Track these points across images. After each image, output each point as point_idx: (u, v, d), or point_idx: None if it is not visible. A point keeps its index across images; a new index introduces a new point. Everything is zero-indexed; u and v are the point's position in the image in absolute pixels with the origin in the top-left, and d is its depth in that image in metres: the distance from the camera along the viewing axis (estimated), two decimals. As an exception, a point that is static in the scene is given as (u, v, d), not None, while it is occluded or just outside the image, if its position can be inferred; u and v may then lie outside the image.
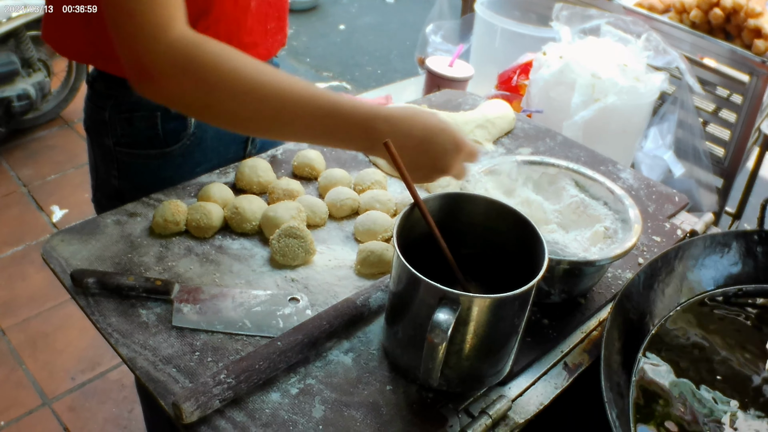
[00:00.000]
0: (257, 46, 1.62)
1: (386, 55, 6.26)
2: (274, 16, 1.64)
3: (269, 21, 1.63)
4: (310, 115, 1.26)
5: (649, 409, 1.25)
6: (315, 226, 1.56)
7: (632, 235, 1.36)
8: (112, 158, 1.65)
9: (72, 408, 2.99)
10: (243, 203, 1.50)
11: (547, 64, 2.26)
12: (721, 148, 2.73)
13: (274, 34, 1.67)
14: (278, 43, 1.72)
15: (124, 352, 1.23)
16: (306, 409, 1.16)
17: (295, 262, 1.43)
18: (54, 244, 1.44)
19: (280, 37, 1.71)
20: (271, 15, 1.63)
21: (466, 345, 1.12)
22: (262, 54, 1.64)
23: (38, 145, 4.59)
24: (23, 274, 3.61)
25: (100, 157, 1.67)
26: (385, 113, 1.29)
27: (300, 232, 1.42)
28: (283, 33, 1.72)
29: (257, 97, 1.23)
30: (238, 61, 1.23)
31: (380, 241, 1.48)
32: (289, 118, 1.26)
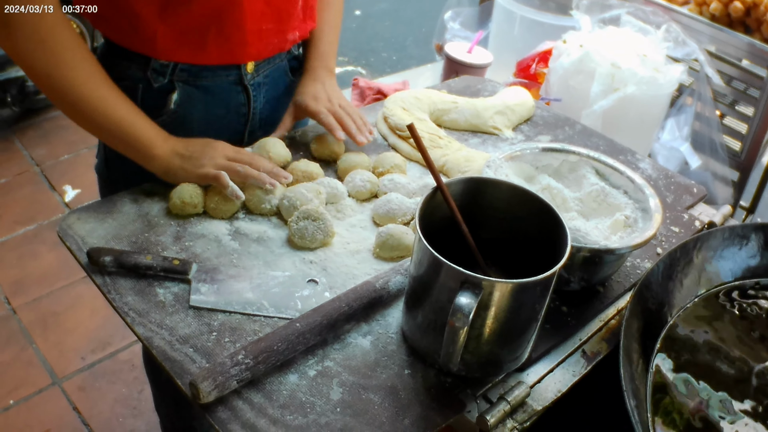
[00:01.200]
0: (246, 44, 1.62)
1: (402, 42, 6.24)
2: (272, 18, 1.63)
3: (265, 21, 1.62)
4: (115, 118, 1.48)
5: (666, 399, 1.24)
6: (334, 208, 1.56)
7: (653, 225, 1.35)
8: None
9: (82, 388, 2.99)
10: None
11: (567, 52, 2.24)
12: (738, 142, 2.71)
13: (269, 36, 1.66)
14: (274, 47, 1.71)
15: (141, 332, 1.22)
16: (324, 391, 1.15)
17: (314, 245, 1.43)
18: (70, 222, 1.43)
19: (277, 41, 1.70)
20: (269, 16, 1.62)
21: (486, 330, 1.11)
22: (251, 53, 1.65)
23: (51, 124, 4.59)
24: (35, 254, 3.61)
25: None
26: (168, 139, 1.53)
27: (318, 215, 1.42)
28: (282, 38, 1.70)
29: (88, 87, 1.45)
30: (87, 54, 1.45)
31: (399, 225, 1.47)
32: (101, 116, 1.48)
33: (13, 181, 4.09)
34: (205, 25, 1.54)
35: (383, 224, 1.50)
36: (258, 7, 1.57)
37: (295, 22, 1.70)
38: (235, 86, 1.69)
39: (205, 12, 1.52)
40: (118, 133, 1.49)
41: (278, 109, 1.82)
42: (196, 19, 1.52)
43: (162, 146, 1.49)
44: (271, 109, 1.81)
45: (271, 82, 1.77)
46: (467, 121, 1.89)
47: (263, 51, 1.68)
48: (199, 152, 1.51)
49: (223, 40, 1.57)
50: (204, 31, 1.54)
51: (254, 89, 1.73)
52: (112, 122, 1.47)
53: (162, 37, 1.51)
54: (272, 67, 1.76)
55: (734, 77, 2.60)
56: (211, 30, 1.55)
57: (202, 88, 1.62)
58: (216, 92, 1.64)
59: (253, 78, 1.70)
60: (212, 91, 1.64)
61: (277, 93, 1.81)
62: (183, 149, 1.51)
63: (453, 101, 1.91)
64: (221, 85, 1.64)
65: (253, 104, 1.75)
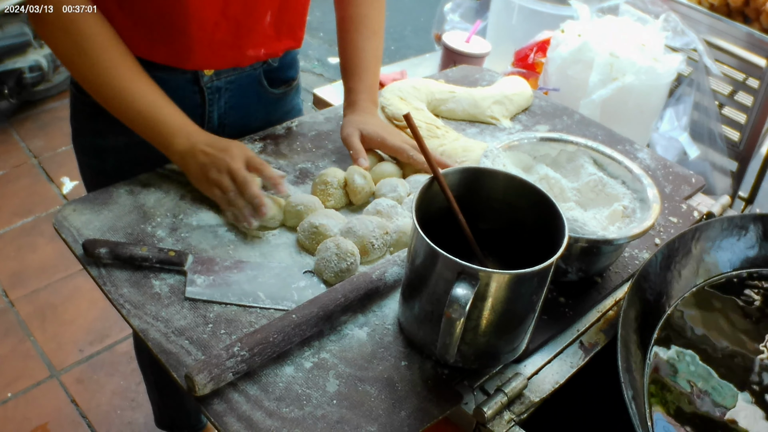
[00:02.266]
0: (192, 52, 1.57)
1: (400, 31, 6.22)
2: (228, 30, 1.58)
3: (218, 32, 1.56)
4: (135, 109, 1.49)
5: (664, 390, 1.24)
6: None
7: (651, 215, 1.35)
8: (70, 96, 1.76)
9: (80, 380, 2.99)
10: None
11: (565, 42, 2.24)
12: (736, 132, 2.71)
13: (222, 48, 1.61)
14: (228, 60, 1.65)
15: (136, 324, 1.22)
16: (320, 383, 1.15)
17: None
18: (66, 213, 1.43)
19: (233, 54, 1.64)
20: (224, 28, 1.56)
21: (483, 321, 1.10)
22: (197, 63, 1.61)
23: (49, 116, 4.58)
24: (33, 246, 3.61)
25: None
26: (192, 133, 1.50)
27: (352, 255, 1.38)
28: (239, 52, 1.64)
29: (110, 75, 1.47)
30: (109, 43, 1.47)
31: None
32: (123, 105, 1.49)
33: (10, 173, 4.08)
34: (153, 22, 1.52)
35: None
36: (210, 16, 1.52)
37: (259, 38, 1.64)
38: (191, 86, 1.65)
39: (154, 8, 1.49)
40: (140, 125, 1.49)
41: (248, 117, 1.79)
42: (147, 14, 1.50)
43: (182, 144, 1.47)
44: (238, 117, 1.77)
45: (236, 89, 1.72)
46: (465, 111, 1.88)
47: (214, 62, 1.63)
48: (211, 159, 1.45)
49: (169, 42, 1.54)
50: (152, 28, 1.52)
51: (211, 93, 1.68)
52: (133, 113, 1.48)
53: (119, 24, 1.49)
54: (239, 74, 1.71)
55: (733, 67, 2.60)
56: (158, 29, 1.52)
57: (158, 80, 1.55)
58: (170, 88, 1.56)
59: (211, 81, 1.66)
60: (167, 86, 1.55)
61: (246, 101, 1.77)
62: (201, 151, 1.46)
63: (450, 91, 1.91)
64: (176, 81, 1.60)
65: (210, 107, 1.70)
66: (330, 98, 2.32)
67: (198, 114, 1.69)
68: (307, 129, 1.77)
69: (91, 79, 1.48)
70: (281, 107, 1.88)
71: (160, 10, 1.49)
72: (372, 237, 1.38)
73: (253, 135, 1.71)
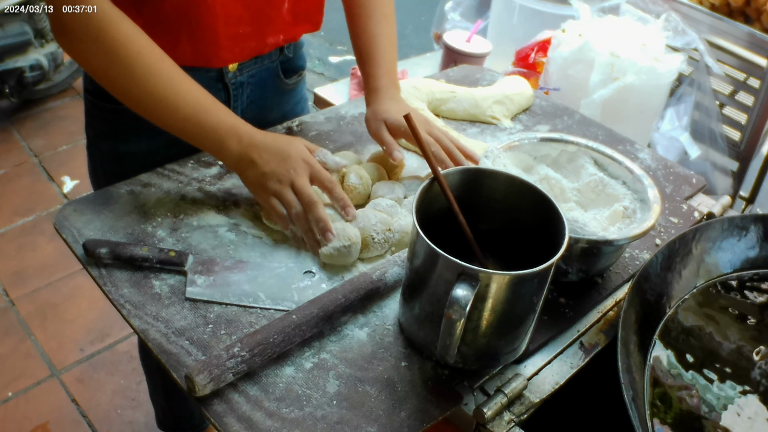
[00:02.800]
0: (220, 48, 1.57)
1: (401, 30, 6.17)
2: (250, 21, 1.58)
3: (241, 25, 1.57)
4: (181, 115, 1.40)
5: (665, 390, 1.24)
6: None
7: (651, 216, 1.35)
8: (84, 103, 1.70)
9: (80, 379, 2.99)
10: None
11: (566, 41, 2.24)
12: (737, 132, 2.70)
13: (245, 39, 1.61)
14: (251, 51, 1.66)
15: (137, 324, 1.22)
16: (320, 383, 1.15)
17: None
18: (66, 213, 1.43)
19: (255, 45, 1.64)
20: (246, 19, 1.57)
21: (483, 322, 1.10)
22: (225, 57, 1.61)
23: (50, 115, 4.58)
24: (33, 245, 3.61)
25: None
26: (243, 133, 1.42)
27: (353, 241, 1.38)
28: (260, 42, 1.65)
29: (150, 82, 1.37)
30: (144, 46, 1.37)
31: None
32: (167, 113, 1.41)
33: (11, 172, 4.08)
34: (176, 25, 1.50)
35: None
36: (234, 11, 1.53)
37: (278, 25, 1.65)
38: (216, 83, 1.65)
39: (177, 10, 1.48)
40: (188, 133, 1.42)
41: (266, 110, 1.80)
42: (169, 17, 1.49)
43: (234, 148, 1.41)
44: (258, 110, 1.78)
45: (257, 83, 1.73)
46: (465, 111, 1.88)
47: (239, 55, 1.63)
48: (270, 168, 1.39)
49: (195, 42, 1.53)
50: (176, 30, 1.51)
51: (235, 88, 1.69)
52: (178, 121, 1.41)
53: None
54: (259, 67, 1.72)
55: (734, 67, 2.59)
56: (183, 30, 1.51)
57: None
58: None
59: (235, 77, 1.67)
60: None
61: (265, 93, 1.78)
62: (258, 156, 1.40)
63: (451, 91, 1.90)
64: (200, 80, 1.56)
65: (234, 103, 1.71)
66: (331, 98, 2.32)
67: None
68: (308, 129, 1.77)
69: (130, 90, 1.39)
70: (293, 98, 1.90)
71: (187, 12, 1.48)
72: (373, 230, 1.38)
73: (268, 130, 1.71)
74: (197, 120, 1.40)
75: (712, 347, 1.33)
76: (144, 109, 1.41)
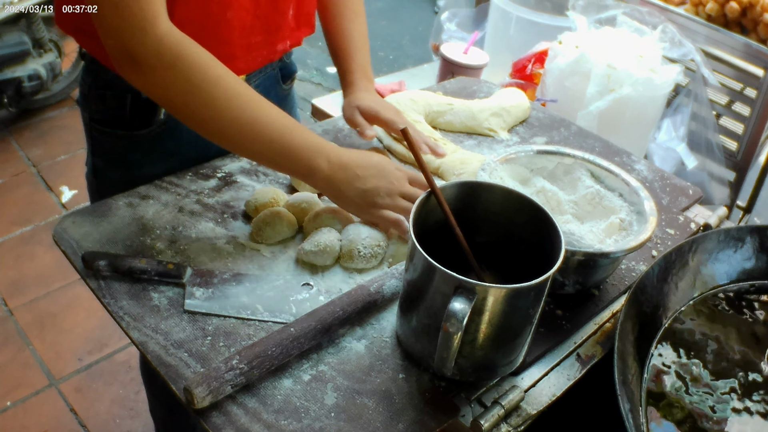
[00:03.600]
0: (235, 59, 1.57)
1: (398, 41, 6.23)
2: (261, 30, 1.59)
3: (254, 35, 1.58)
4: (266, 139, 1.36)
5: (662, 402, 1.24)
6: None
7: (648, 228, 1.35)
8: (88, 132, 1.67)
9: (79, 389, 2.99)
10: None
11: (562, 53, 2.24)
12: (734, 142, 2.71)
13: (258, 48, 1.62)
14: (263, 59, 1.67)
15: (136, 336, 1.22)
16: (318, 395, 1.15)
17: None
18: (65, 225, 1.43)
19: (267, 53, 1.66)
20: (258, 29, 1.58)
21: (480, 335, 1.11)
22: (240, 67, 1.61)
23: (48, 125, 4.59)
24: (32, 254, 3.61)
25: (84, 129, 1.70)
26: (331, 152, 1.40)
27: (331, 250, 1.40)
28: (271, 49, 1.67)
29: (232, 107, 1.33)
30: (221, 70, 1.33)
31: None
32: (251, 138, 1.36)
33: (9, 182, 4.09)
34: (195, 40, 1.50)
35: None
36: (247, 22, 1.54)
37: (285, 31, 1.67)
38: None
39: (192, 29, 1.44)
40: (274, 157, 1.39)
41: None
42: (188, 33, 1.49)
43: (325, 168, 1.39)
44: None
45: (262, 91, 1.71)
46: (463, 123, 1.89)
47: (252, 64, 1.65)
48: (373, 184, 1.40)
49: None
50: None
51: None
52: (264, 145, 1.37)
53: None
54: (264, 76, 1.74)
55: (731, 77, 2.60)
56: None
57: None
58: None
59: None
60: None
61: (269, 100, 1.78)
62: (354, 175, 1.40)
63: (448, 103, 1.91)
64: None
65: None
66: (328, 109, 2.33)
67: None
68: (305, 141, 1.77)
69: (212, 119, 1.34)
70: (288, 103, 1.92)
71: (205, 28, 1.48)
72: (360, 244, 1.39)
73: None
74: (284, 141, 1.37)
75: (709, 358, 1.34)
76: (226, 135, 1.37)
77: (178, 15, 1.44)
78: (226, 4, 1.48)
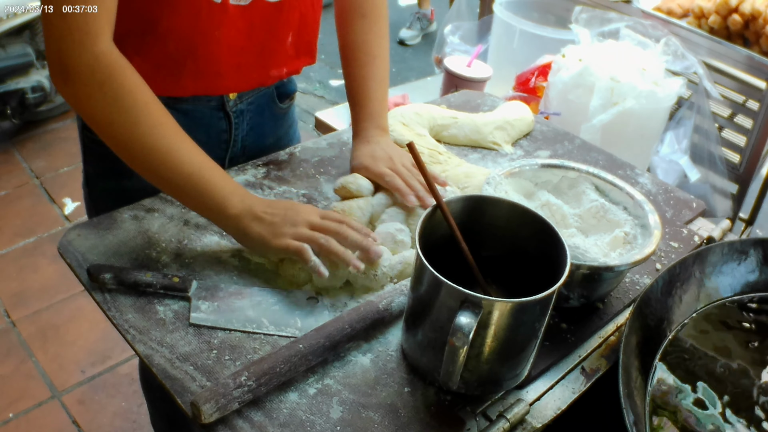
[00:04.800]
0: (221, 77, 1.58)
1: (401, 53, 6.24)
2: (253, 53, 1.59)
3: (244, 56, 1.58)
4: (183, 172, 1.35)
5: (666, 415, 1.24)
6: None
7: (652, 242, 1.36)
8: (82, 140, 1.69)
9: (81, 401, 2.99)
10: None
11: (566, 66, 2.25)
12: (736, 154, 2.72)
13: (248, 70, 1.62)
14: (254, 82, 1.67)
15: (141, 349, 1.22)
16: (324, 409, 1.15)
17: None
18: (70, 238, 1.43)
19: (257, 76, 1.66)
20: (249, 50, 1.58)
21: (485, 348, 1.11)
22: (226, 86, 1.62)
23: (51, 137, 4.60)
24: (35, 266, 3.62)
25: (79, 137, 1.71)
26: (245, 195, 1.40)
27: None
28: (263, 74, 1.66)
29: (155, 135, 1.33)
30: (150, 97, 1.34)
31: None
32: (168, 167, 1.35)
33: (13, 194, 4.09)
34: (180, 60, 1.51)
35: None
36: (237, 41, 1.54)
37: (280, 58, 1.66)
38: (217, 112, 1.66)
39: (181, 47, 1.48)
40: (189, 190, 1.37)
41: (263, 135, 1.81)
42: (171, 54, 1.49)
43: (237, 206, 1.37)
44: (256, 136, 1.80)
45: (255, 109, 1.75)
46: (467, 137, 1.89)
47: (241, 84, 1.65)
48: (280, 217, 1.37)
49: (198, 74, 1.54)
50: (179, 65, 1.51)
51: (237, 116, 1.71)
52: (181, 177, 1.36)
53: (137, 69, 1.38)
54: (257, 94, 1.74)
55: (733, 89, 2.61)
56: (187, 64, 1.51)
57: (182, 112, 1.57)
58: (196, 117, 1.58)
59: (235, 105, 1.69)
60: (192, 116, 1.58)
61: (263, 119, 1.79)
62: (262, 212, 1.37)
63: (453, 117, 1.92)
64: (202, 111, 1.61)
65: (235, 131, 1.73)
66: (332, 122, 2.34)
67: (224, 140, 1.72)
68: (309, 155, 1.77)
69: (133, 142, 1.34)
70: (286, 122, 1.91)
71: (191, 45, 1.49)
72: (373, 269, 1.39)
73: (256, 160, 1.72)
74: (201, 176, 1.36)
75: (713, 371, 1.34)
76: (145, 161, 1.36)
77: (163, 26, 1.45)
78: (216, 22, 1.48)
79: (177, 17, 1.45)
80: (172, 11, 1.44)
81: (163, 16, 1.44)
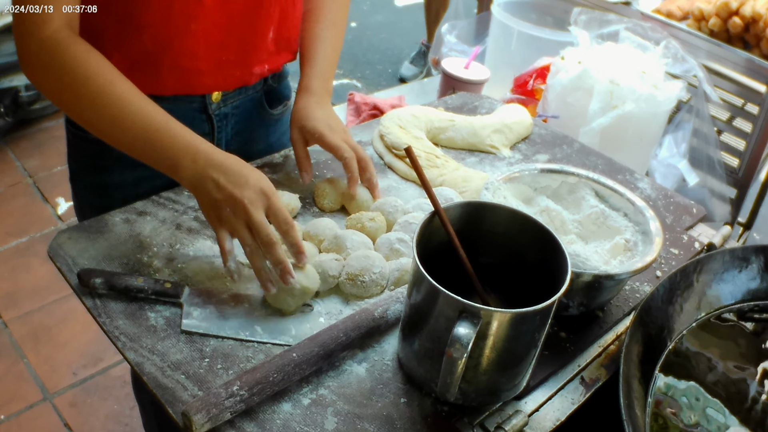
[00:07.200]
0: (202, 74, 1.56)
1: (398, 54, 6.22)
2: (234, 48, 1.57)
3: (225, 51, 1.56)
4: (138, 131, 1.36)
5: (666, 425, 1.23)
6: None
7: (653, 249, 1.34)
8: (66, 135, 1.71)
9: (73, 403, 2.97)
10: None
11: (565, 68, 2.23)
12: (735, 158, 2.71)
13: (230, 67, 1.60)
14: (236, 80, 1.64)
15: (132, 357, 1.20)
16: (318, 420, 1.13)
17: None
18: (61, 241, 1.41)
19: (240, 74, 1.63)
20: (229, 45, 1.56)
21: (484, 359, 1.09)
22: (208, 84, 1.60)
23: (45, 135, 4.57)
24: (27, 266, 3.59)
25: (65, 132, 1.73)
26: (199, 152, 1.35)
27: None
28: (246, 71, 1.64)
29: (99, 104, 1.35)
30: (92, 70, 1.36)
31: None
32: (121, 129, 1.37)
33: (5, 193, 4.07)
34: (157, 55, 1.49)
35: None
36: (216, 36, 1.52)
37: (262, 54, 1.64)
38: (199, 114, 1.64)
39: (157, 41, 1.47)
40: (142, 152, 1.37)
41: (251, 141, 1.79)
42: (148, 49, 1.48)
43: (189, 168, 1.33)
44: (243, 141, 1.77)
45: (241, 114, 1.72)
46: (464, 140, 1.87)
47: (223, 83, 1.62)
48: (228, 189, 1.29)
49: (176, 69, 1.53)
50: (157, 61, 1.50)
51: (219, 120, 1.68)
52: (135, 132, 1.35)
53: (117, 66, 1.39)
54: (243, 98, 1.71)
55: (732, 93, 2.59)
56: (164, 60, 1.50)
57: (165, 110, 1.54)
58: (178, 118, 1.50)
59: (219, 108, 1.66)
60: (175, 116, 1.52)
61: (250, 125, 1.77)
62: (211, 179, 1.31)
63: (450, 119, 1.89)
64: (183, 111, 1.57)
65: (218, 135, 1.70)
66: (328, 123, 2.30)
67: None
68: (304, 157, 1.75)
69: (80, 114, 1.39)
70: (279, 128, 1.88)
71: (167, 40, 1.48)
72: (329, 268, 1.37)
73: (251, 163, 1.69)
74: (147, 138, 1.35)
75: (714, 380, 1.32)
76: (96, 128, 1.40)
77: (137, 20, 1.45)
78: (191, 15, 1.47)
79: (150, 10, 1.44)
80: (144, 3, 1.44)
81: (137, 8, 1.44)
